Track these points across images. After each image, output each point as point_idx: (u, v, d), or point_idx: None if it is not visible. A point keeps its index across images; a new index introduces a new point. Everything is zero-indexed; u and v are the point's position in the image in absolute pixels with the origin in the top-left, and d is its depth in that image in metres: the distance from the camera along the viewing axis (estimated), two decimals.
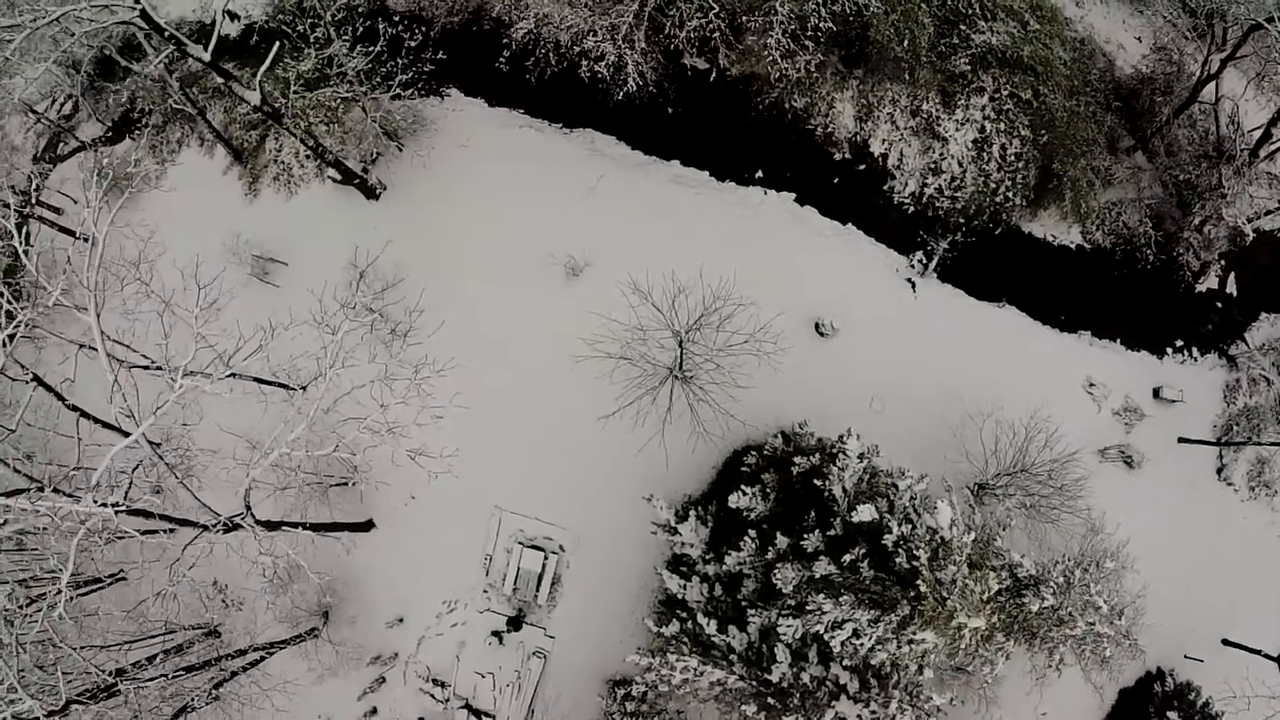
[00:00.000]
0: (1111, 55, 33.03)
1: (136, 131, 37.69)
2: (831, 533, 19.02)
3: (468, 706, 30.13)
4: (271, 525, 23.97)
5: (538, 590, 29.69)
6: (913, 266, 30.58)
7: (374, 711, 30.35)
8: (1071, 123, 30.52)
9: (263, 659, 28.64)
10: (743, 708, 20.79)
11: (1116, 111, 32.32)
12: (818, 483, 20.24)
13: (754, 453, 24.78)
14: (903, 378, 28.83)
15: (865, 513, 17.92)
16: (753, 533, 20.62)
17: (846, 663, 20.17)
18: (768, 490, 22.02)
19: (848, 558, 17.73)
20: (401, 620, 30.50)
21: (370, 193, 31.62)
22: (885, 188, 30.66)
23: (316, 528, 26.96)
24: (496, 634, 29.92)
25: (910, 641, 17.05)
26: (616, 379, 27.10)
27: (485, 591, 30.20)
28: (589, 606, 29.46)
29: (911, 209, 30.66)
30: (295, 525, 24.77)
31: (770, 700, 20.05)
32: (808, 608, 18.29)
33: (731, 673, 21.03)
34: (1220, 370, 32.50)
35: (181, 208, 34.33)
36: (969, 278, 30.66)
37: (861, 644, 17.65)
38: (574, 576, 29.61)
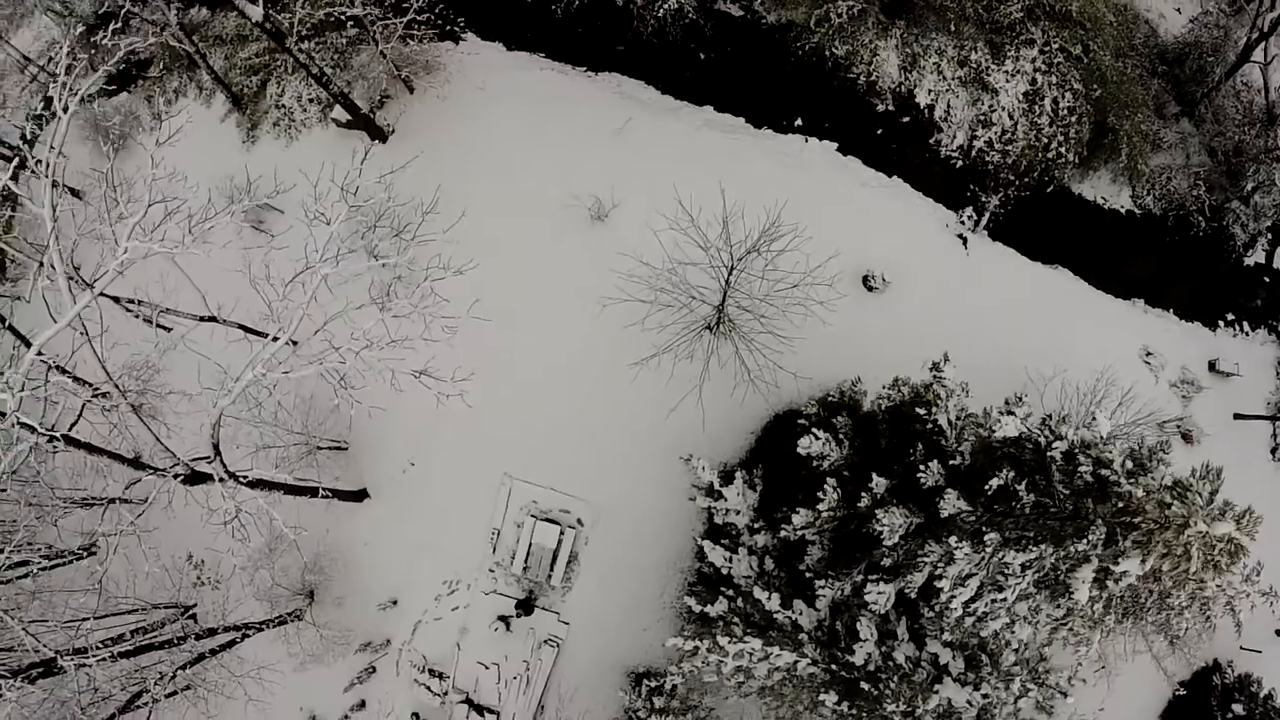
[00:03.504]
0: (1154, 23, 28.87)
1: (135, 85, 32.37)
2: (955, 463, 13.81)
3: (468, 701, 23.99)
4: (244, 479, 18.15)
5: (551, 570, 23.87)
6: (963, 223, 25.74)
7: (362, 705, 24.15)
8: (1121, 83, 26.24)
9: (234, 642, 22.51)
10: (822, 696, 15.22)
11: (1162, 76, 28.02)
12: (921, 411, 15.03)
13: (814, 403, 19.50)
14: (958, 337, 23.52)
15: (1010, 425, 12.79)
16: (832, 481, 15.34)
17: (947, 637, 14.79)
18: (840, 435, 16.75)
19: (995, 482, 12.41)
20: (395, 602, 24.50)
21: (377, 134, 26.35)
22: (932, 140, 25.89)
23: (299, 490, 21.15)
24: (503, 619, 23.97)
25: (1100, 579, 11.65)
26: (649, 326, 21.79)
27: (491, 571, 24.32)
28: (609, 588, 23.65)
29: (960, 163, 25.91)
30: (272, 485, 18.96)
31: (864, 685, 14.55)
32: (924, 560, 12.96)
33: (803, 655, 15.51)
34: (1271, 346, 27.85)
35: (175, 154, 28.87)
36: (1020, 236, 25.84)
37: (1002, 599, 12.35)
38: (593, 554, 23.84)
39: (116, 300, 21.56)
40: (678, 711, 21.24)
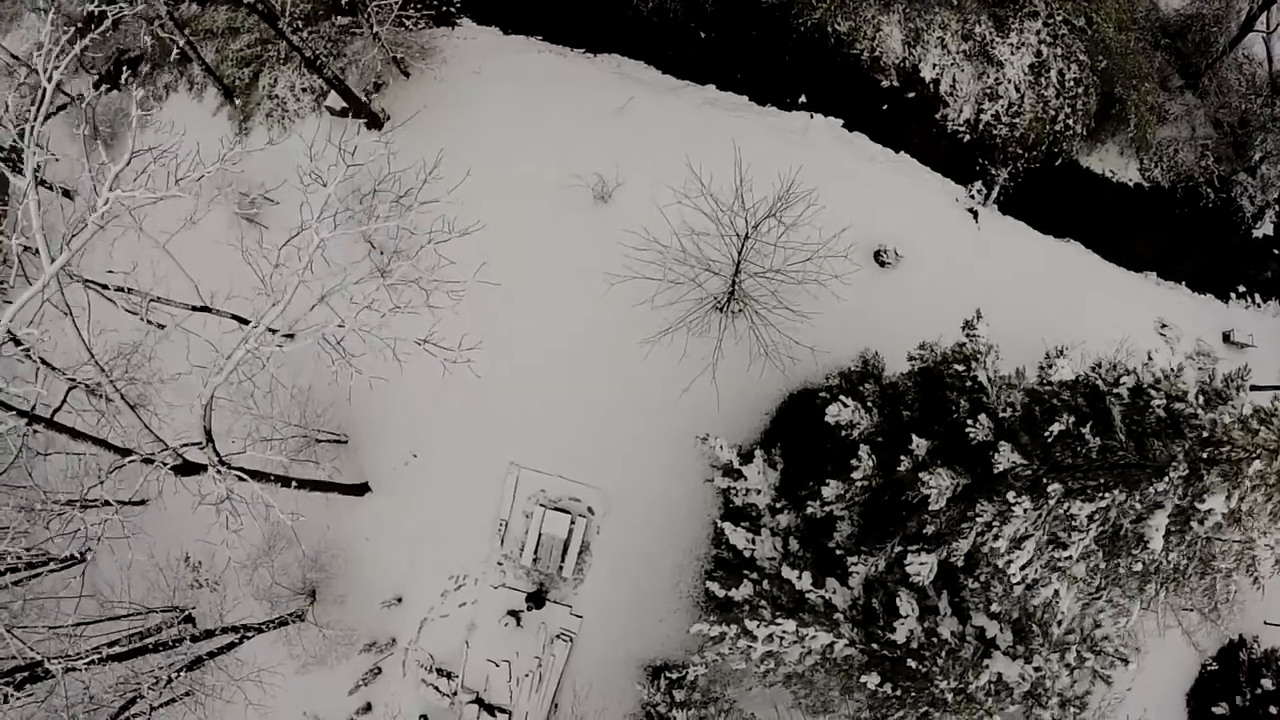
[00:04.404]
0: None
1: (125, 83, 31.10)
2: (1004, 415, 12.65)
3: (479, 701, 22.56)
4: (238, 470, 16.69)
5: (563, 561, 22.48)
6: (972, 196, 24.71)
7: (368, 708, 22.66)
8: (1125, 54, 25.40)
9: (233, 644, 21.01)
10: (863, 679, 13.93)
11: (1165, 49, 27.19)
12: (959, 368, 13.91)
13: (837, 375, 18.37)
14: (971, 311, 22.37)
15: (1065, 369, 11.78)
16: (866, 448, 14.15)
17: (995, 608, 13.57)
18: (869, 403, 15.59)
19: (1056, 428, 11.23)
20: (400, 600, 23.07)
21: (372, 121, 25.16)
22: (938, 115, 24.86)
23: (298, 484, 19.78)
24: (514, 614, 22.58)
25: (1182, 520, 10.46)
26: (659, 304, 20.62)
27: (500, 564, 22.95)
28: (623, 579, 22.27)
29: (967, 137, 24.90)
30: (267, 477, 17.56)
31: (911, 663, 13.26)
32: (976, 521, 11.75)
33: (839, 635, 14.23)
34: None
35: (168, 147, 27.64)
36: (1030, 210, 24.87)
37: (1065, 557, 11.18)
38: (605, 543, 22.50)
39: (105, 288, 20.20)
40: (699, 704, 19.88)
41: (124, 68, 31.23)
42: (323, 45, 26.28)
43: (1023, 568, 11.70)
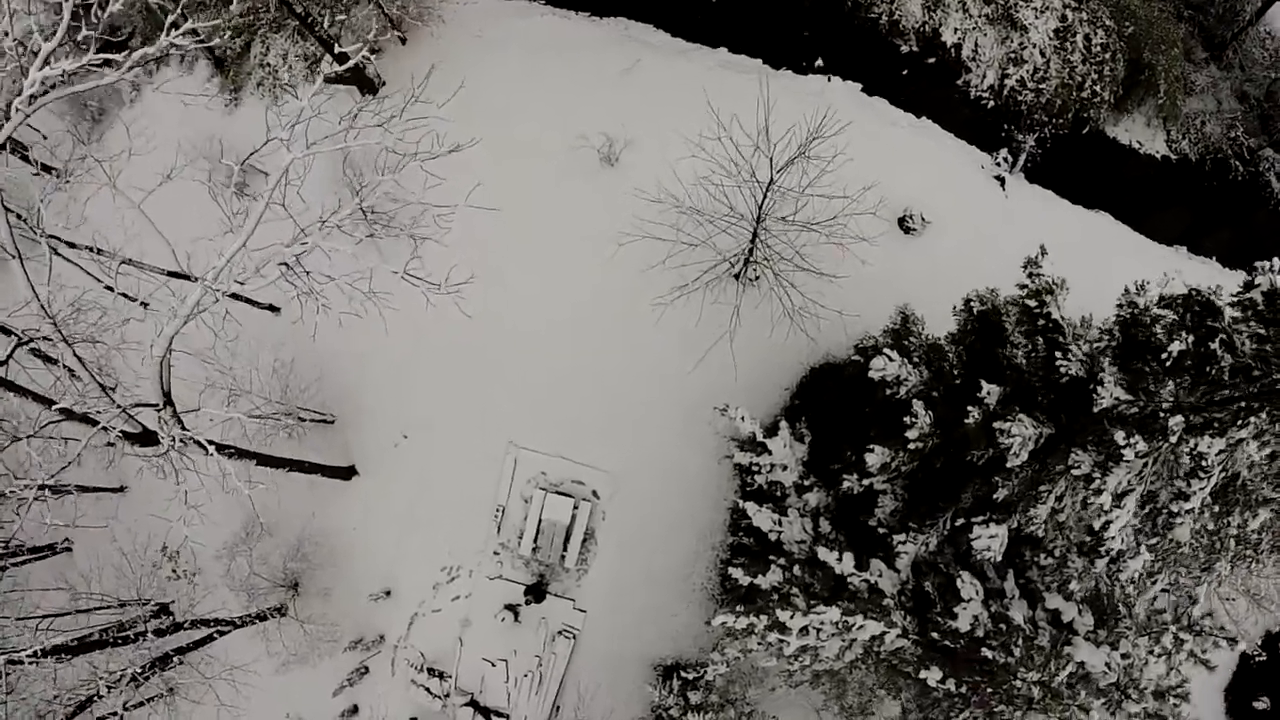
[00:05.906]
0: None
1: (116, 58, 28.84)
2: (1101, 343, 10.38)
3: (473, 703, 19.85)
4: (203, 442, 14.13)
5: (565, 550, 19.91)
6: (998, 164, 22.54)
7: (354, 710, 19.92)
8: (1152, 21, 23.40)
9: (207, 639, 18.32)
10: (922, 674, 11.40)
11: (1189, 21, 25.26)
12: (1032, 304, 11.61)
13: (871, 337, 16.04)
14: (1000, 280, 20.25)
15: (1178, 283, 9.75)
16: (920, 403, 11.76)
17: (1074, 586, 11.13)
18: (914, 358, 13.24)
19: (1175, 348, 8.96)
20: (389, 593, 20.42)
21: (368, 87, 22.94)
22: (960, 81, 22.70)
23: (275, 462, 17.26)
24: (511, 608, 19.95)
25: None
26: (670, 265, 18.27)
27: (496, 554, 20.35)
28: (631, 570, 19.67)
29: (991, 103, 22.75)
30: (231, 450, 15.04)
31: (986, 653, 10.73)
32: (1070, 471, 9.38)
33: (891, 624, 11.75)
34: None
35: (157, 119, 25.30)
36: (1058, 178, 22.74)
37: (1187, 509, 8.83)
38: (611, 531, 19.93)
39: (72, 246, 17.76)
40: (716, 707, 17.26)
41: (113, 47, 29.17)
42: (317, 11, 24.16)
43: (1121, 529, 9.34)
